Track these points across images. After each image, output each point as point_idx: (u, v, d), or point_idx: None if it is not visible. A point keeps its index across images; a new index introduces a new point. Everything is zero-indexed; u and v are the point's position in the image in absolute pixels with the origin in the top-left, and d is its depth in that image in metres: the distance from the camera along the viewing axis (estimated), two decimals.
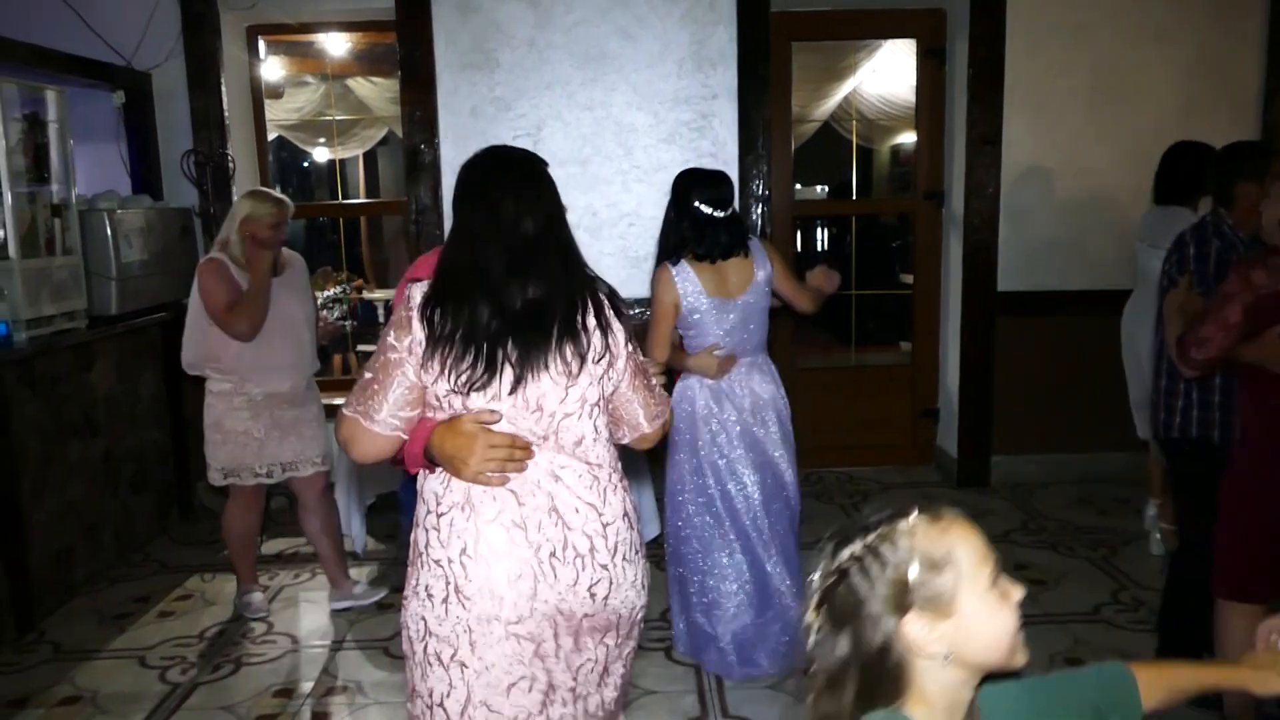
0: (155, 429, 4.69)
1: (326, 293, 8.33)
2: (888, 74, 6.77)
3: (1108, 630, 3.43)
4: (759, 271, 3.16)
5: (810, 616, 1.20)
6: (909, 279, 5.94)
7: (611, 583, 1.78)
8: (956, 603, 1.16)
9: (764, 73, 4.85)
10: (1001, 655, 1.20)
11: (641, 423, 1.88)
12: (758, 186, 4.91)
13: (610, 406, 1.84)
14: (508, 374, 1.70)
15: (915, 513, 1.18)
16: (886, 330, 7.26)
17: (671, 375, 3.17)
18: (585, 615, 1.77)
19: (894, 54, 6.42)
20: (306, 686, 3.22)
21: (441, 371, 1.69)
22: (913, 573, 1.15)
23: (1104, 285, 4.73)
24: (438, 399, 1.73)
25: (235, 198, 4.80)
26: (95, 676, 3.33)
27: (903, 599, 1.16)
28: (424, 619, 1.75)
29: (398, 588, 3.97)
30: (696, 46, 4.78)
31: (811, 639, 1.20)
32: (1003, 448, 5.06)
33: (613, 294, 1.83)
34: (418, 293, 1.74)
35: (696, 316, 3.10)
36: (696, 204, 3.09)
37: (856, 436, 5.38)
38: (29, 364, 3.73)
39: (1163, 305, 2.89)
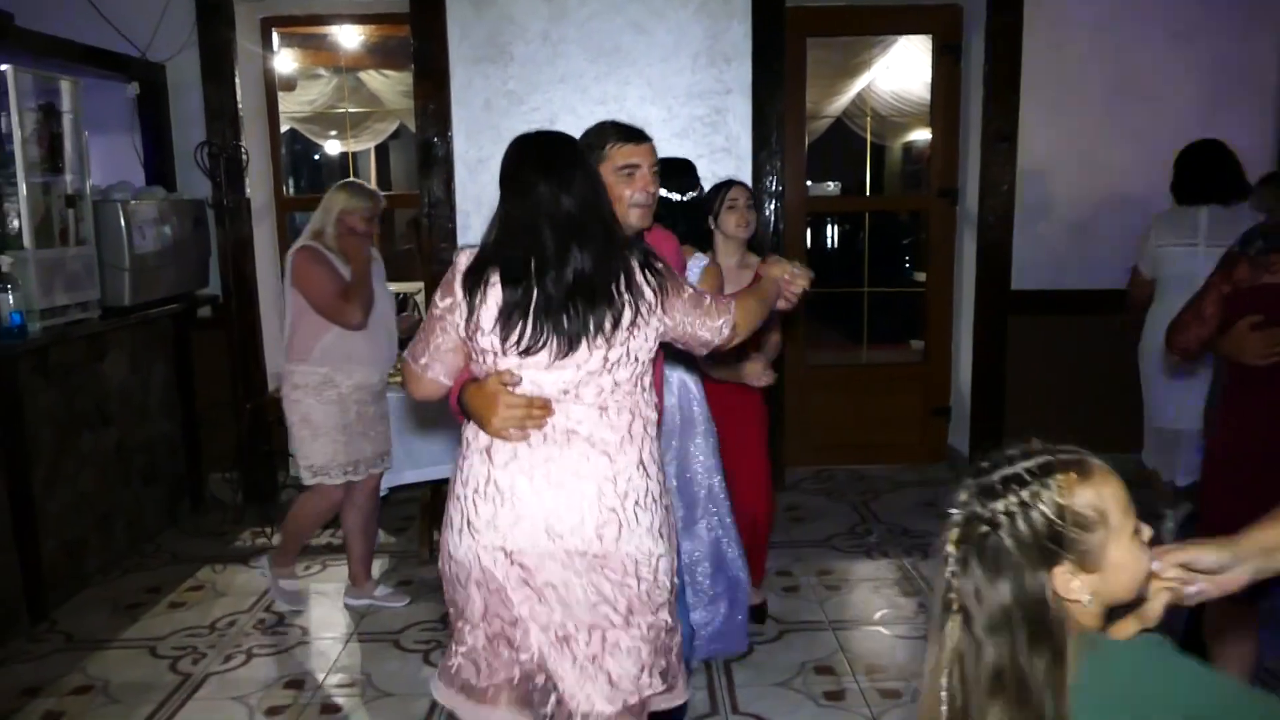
0: (166, 420, 4.70)
1: None
2: (901, 70, 6.73)
3: None
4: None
5: (950, 549, 1.28)
6: (921, 276, 5.92)
7: (621, 525, 1.87)
8: (1105, 556, 1.23)
9: (778, 68, 4.83)
10: (1135, 593, 1.28)
11: (710, 340, 2.02)
12: (771, 182, 4.89)
13: (676, 338, 1.99)
14: (553, 344, 1.83)
15: (1065, 469, 1.23)
16: (898, 328, 7.24)
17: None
18: (595, 555, 1.87)
19: (908, 50, 6.39)
20: (317, 678, 3.22)
21: (484, 334, 1.86)
22: (1065, 530, 1.21)
23: (1120, 285, 4.69)
24: (475, 357, 1.92)
25: (248, 190, 4.82)
26: (107, 666, 3.34)
27: (1055, 555, 1.22)
28: (447, 544, 1.95)
29: (409, 580, 3.99)
30: (711, 41, 4.76)
31: (948, 572, 1.28)
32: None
33: (648, 254, 1.93)
34: (463, 259, 1.92)
35: None
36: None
37: (867, 434, 5.36)
38: (43, 354, 3.74)
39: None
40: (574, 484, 1.87)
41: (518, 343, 1.83)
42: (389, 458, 3.78)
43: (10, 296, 3.46)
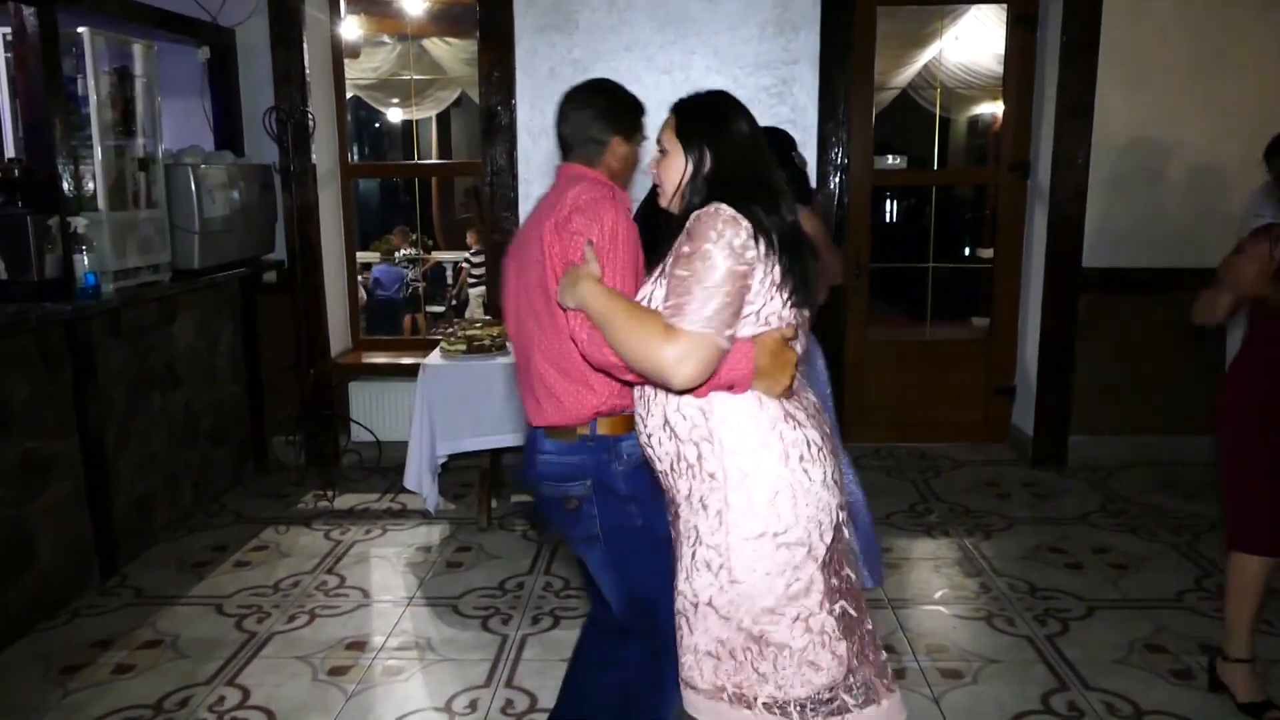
0: (232, 383, 4.78)
1: (402, 252, 8.40)
2: (970, 41, 6.57)
3: (1190, 617, 3.33)
4: None
5: None
6: (986, 253, 5.79)
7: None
8: None
9: (847, 38, 4.73)
10: None
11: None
12: (837, 155, 4.80)
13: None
14: (804, 292, 1.83)
15: None
16: (960, 305, 7.11)
17: None
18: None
19: (979, 20, 6.23)
20: (378, 640, 3.27)
21: (776, 291, 1.77)
22: None
23: (1198, 263, 4.54)
24: (756, 319, 1.78)
25: (314, 156, 4.85)
26: (175, 621, 3.42)
27: None
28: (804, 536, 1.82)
29: (467, 547, 4.02)
30: (779, 10, 4.67)
31: None
32: (1081, 428, 4.93)
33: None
34: (730, 212, 1.74)
35: None
36: None
37: (929, 412, 5.28)
38: (115, 315, 3.81)
39: None
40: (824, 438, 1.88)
41: (794, 294, 1.79)
42: None
43: (85, 257, 3.52)
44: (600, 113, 2.17)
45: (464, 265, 8.44)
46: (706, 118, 1.91)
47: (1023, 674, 3.00)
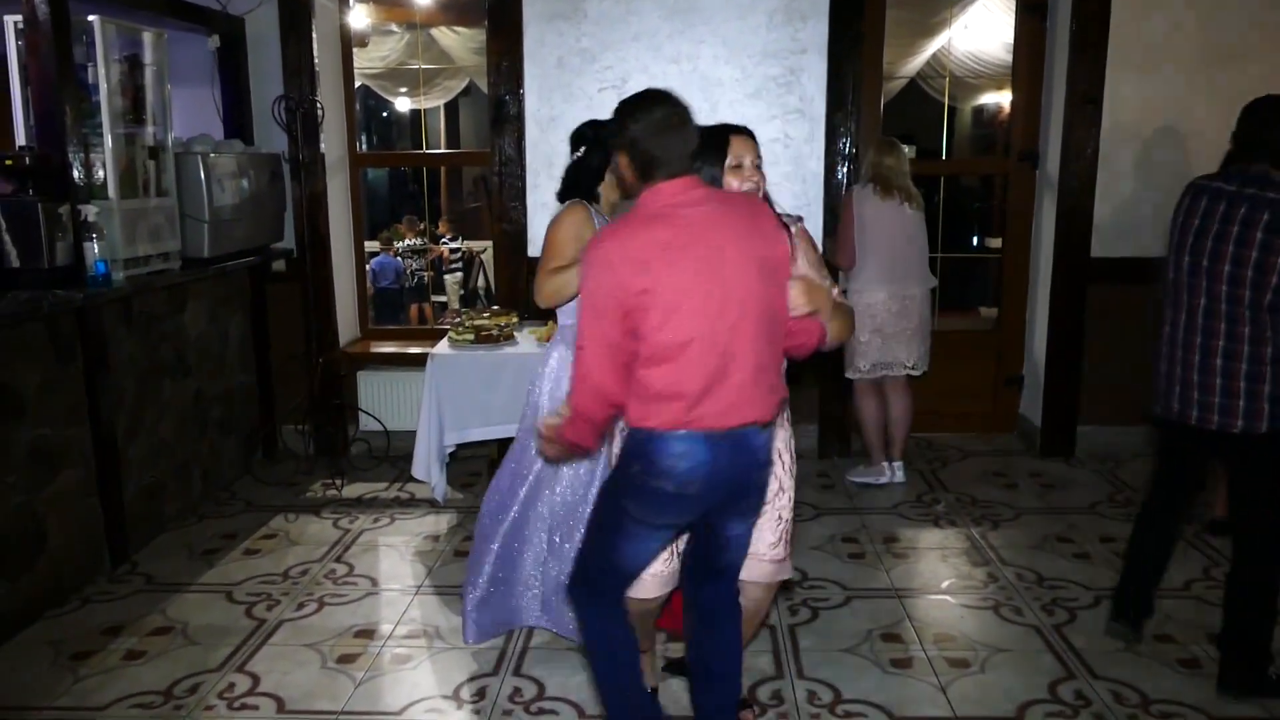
0: (242, 372, 4.80)
1: (406, 242, 8.41)
2: (980, 30, 6.54)
3: (1198, 606, 3.33)
4: None
5: None
6: (994, 243, 5.78)
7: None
8: None
9: (856, 27, 4.72)
10: None
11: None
12: (845, 144, 4.79)
13: None
14: None
15: None
16: (967, 295, 7.09)
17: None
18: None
19: (988, 9, 6.20)
20: (386, 629, 3.28)
21: None
22: None
23: None
24: None
25: (323, 145, 4.85)
26: (185, 608, 3.44)
27: None
28: None
29: (473, 536, 4.03)
30: None
31: None
32: (1090, 418, 4.93)
33: None
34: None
35: None
36: None
37: (937, 402, 5.27)
38: (126, 303, 3.83)
39: None
40: None
41: None
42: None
43: (96, 245, 3.53)
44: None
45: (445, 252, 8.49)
46: None
47: (1030, 663, 3.00)
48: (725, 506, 2.18)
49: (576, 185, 3.02)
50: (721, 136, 2.39)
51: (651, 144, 2.10)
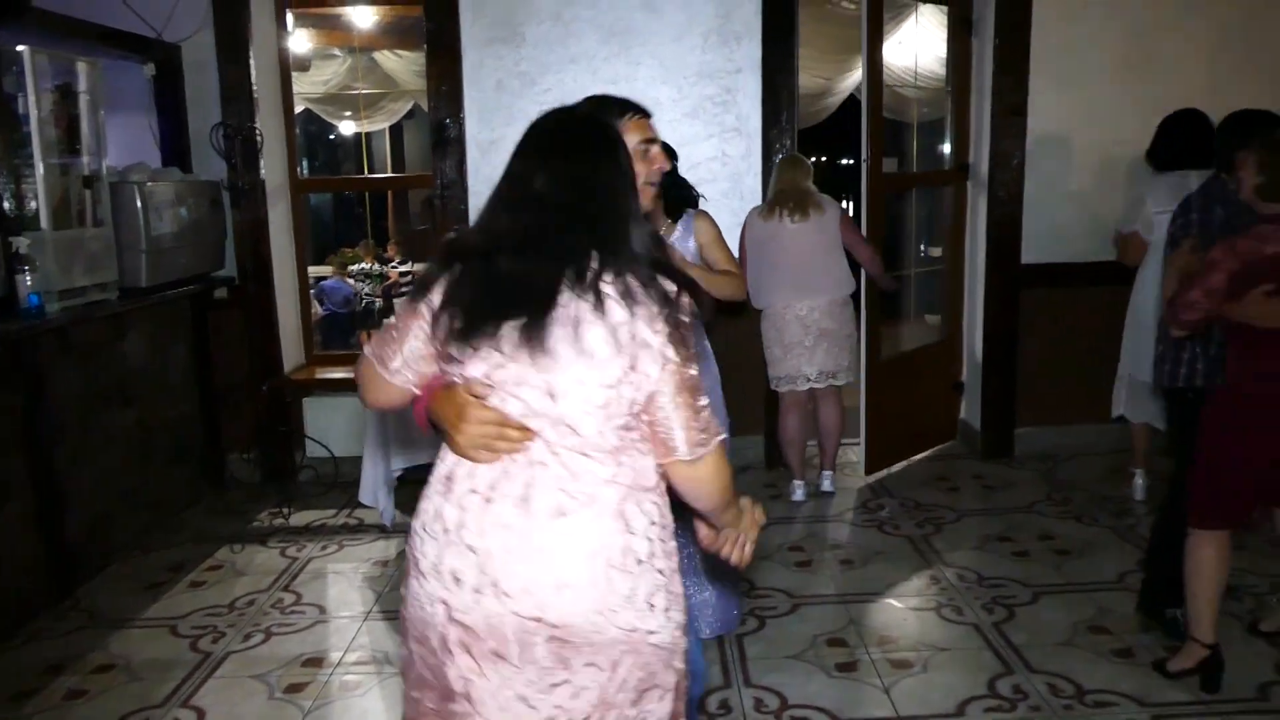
0: (186, 401, 4.75)
1: (359, 266, 8.36)
2: (914, 45, 6.69)
3: (1130, 598, 3.40)
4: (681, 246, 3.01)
5: None
6: (935, 252, 5.90)
7: (587, 590, 1.49)
8: None
9: (789, 45, 4.81)
10: None
11: (678, 446, 1.53)
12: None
13: (648, 419, 1.54)
14: (489, 349, 1.50)
15: None
16: (915, 303, 7.20)
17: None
18: (552, 624, 1.49)
19: (920, 25, 6.35)
20: (335, 656, 3.27)
21: (435, 332, 1.56)
22: None
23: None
24: (440, 360, 1.59)
25: (263, 171, 4.83)
26: (129, 644, 3.40)
27: None
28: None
29: None
30: (722, 20, 4.75)
31: None
32: (1027, 420, 5.05)
33: (666, 292, 1.52)
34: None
35: None
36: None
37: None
38: (63, 334, 3.79)
39: (1164, 265, 3.09)
40: (533, 533, 1.52)
41: (451, 334, 1.54)
42: None
43: (29, 277, 3.49)
44: None
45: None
46: None
47: (970, 661, 3.08)
48: None
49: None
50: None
51: None
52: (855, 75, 7.30)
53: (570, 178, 1.56)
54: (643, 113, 2.06)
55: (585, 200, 1.55)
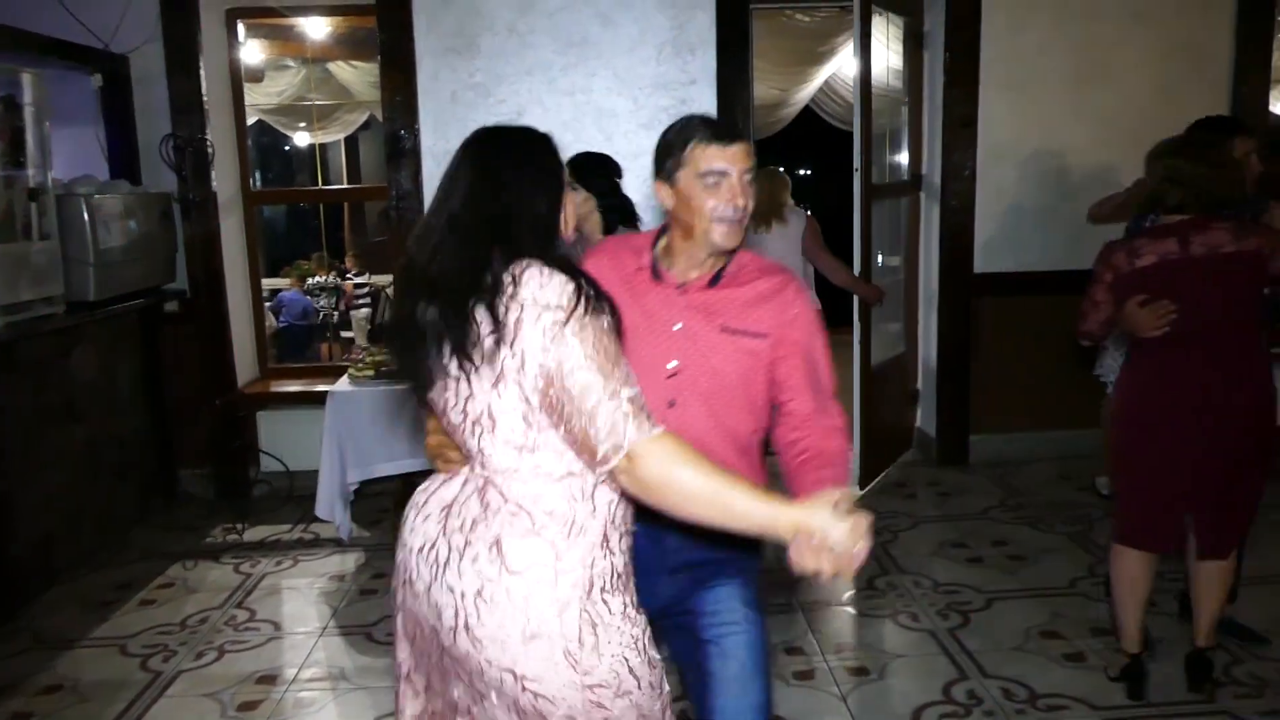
0: (136, 416, 4.67)
1: (315, 280, 8.28)
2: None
3: (1084, 603, 3.48)
4: None
5: None
6: (892, 261, 5.96)
7: (462, 614, 1.50)
8: None
9: (743, 57, 4.85)
10: None
11: (595, 446, 1.42)
12: None
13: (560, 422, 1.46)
14: (420, 369, 1.55)
15: None
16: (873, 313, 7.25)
17: None
18: (435, 630, 1.56)
19: (875, 38, 6.42)
20: (290, 673, 3.23)
21: None
22: None
23: (1080, 265, 4.75)
24: None
25: (214, 183, 4.78)
26: (77, 665, 3.32)
27: None
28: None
29: (382, 574, 3.99)
30: (676, 31, 4.77)
31: None
32: (981, 427, 5.11)
33: (552, 270, 1.46)
34: None
35: None
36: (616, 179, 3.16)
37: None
38: (8, 350, 3.71)
39: None
40: (436, 541, 1.59)
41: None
42: None
43: None
44: None
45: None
46: None
47: (926, 667, 3.10)
48: None
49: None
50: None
51: None
52: (810, 86, 7.39)
53: (468, 179, 1.55)
54: (723, 138, 1.84)
55: (488, 200, 1.53)
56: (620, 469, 1.42)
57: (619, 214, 3.12)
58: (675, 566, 1.89)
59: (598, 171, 3.14)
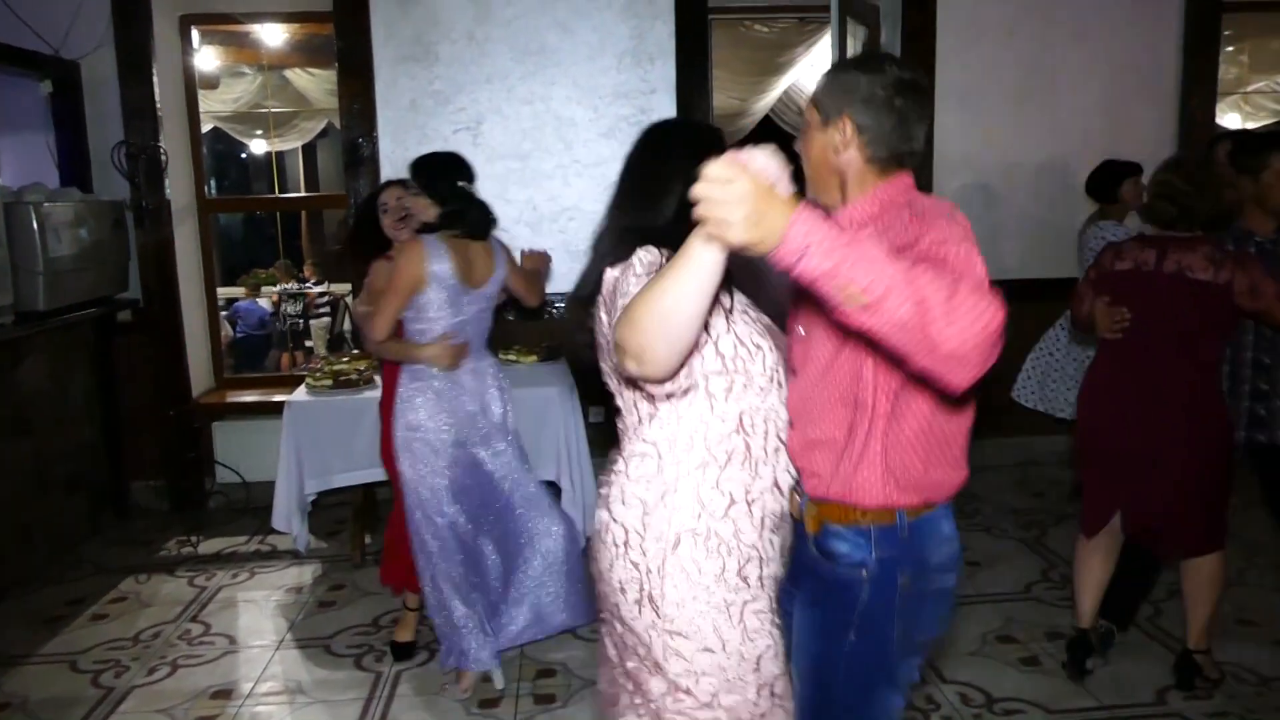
0: (88, 427, 4.59)
1: (282, 287, 8.18)
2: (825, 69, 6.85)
3: (1037, 607, 3.54)
4: (499, 266, 3.10)
5: None
6: None
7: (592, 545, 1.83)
8: None
9: (702, 67, 4.88)
10: None
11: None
12: None
13: None
14: None
15: None
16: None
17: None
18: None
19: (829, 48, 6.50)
20: (246, 687, 3.18)
21: None
22: None
23: (1031, 274, 4.86)
24: None
25: (168, 191, 4.71)
26: (26, 682, 3.25)
27: None
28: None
29: (340, 585, 3.95)
30: (636, 41, 4.79)
31: None
32: None
33: None
34: None
35: (436, 301, 2.97)
36: (460, 183, 3.02)
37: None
38: None
39: None
40: None
41: None
42: None
43: None
44: None
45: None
46: None
47: None
48: None
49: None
50: None
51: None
52: (770, 96, 7.44)
53: None
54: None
55: None
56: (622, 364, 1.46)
57: (458, 219, 2.99)
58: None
59: (439, 175, 3.03)
